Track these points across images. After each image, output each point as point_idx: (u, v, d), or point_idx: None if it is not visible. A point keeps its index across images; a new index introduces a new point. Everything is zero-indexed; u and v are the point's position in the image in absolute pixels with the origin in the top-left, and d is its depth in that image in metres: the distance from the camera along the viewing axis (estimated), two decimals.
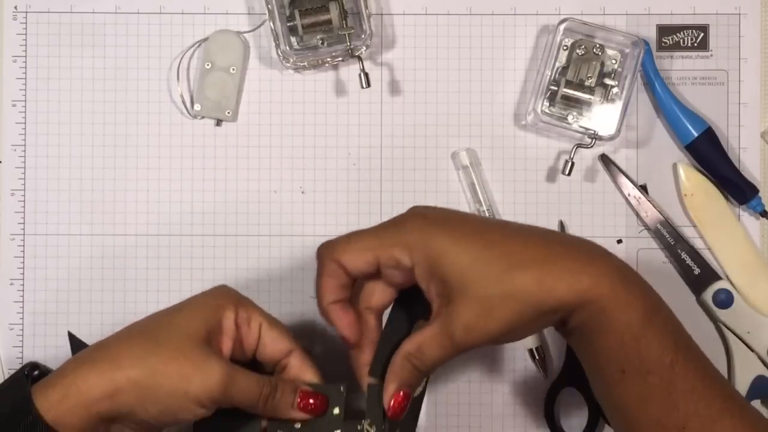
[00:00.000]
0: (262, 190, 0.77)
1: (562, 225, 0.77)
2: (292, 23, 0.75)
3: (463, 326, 0.56)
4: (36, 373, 0.70)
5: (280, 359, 0.63)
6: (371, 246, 0.59)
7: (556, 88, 0.75)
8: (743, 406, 0.58)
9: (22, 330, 0.76)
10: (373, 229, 0.60)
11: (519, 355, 0.77)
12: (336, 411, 0.61)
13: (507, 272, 0.55)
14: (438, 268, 0.57)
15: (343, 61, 0.76)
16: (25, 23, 0.78)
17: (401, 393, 0.59)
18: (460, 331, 0.56)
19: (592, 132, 0.74)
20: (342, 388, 0.62)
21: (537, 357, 0.76)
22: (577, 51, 0.75)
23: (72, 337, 0.76)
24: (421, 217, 0.59)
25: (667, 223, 0.76)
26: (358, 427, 0.61)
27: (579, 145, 0.75)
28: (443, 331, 0.57)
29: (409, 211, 0.61)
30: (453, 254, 0.56)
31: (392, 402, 0.59)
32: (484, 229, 0.58)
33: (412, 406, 0.61)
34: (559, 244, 0.58)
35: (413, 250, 0.57)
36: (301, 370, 0.63)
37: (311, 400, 0.61)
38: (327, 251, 0.60)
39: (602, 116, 0.75)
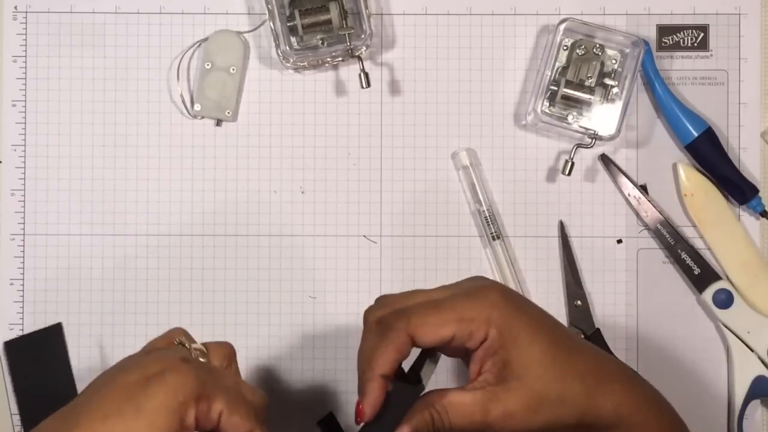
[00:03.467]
0: (262, 190, 0.77)
1: (562, 225, 0.77)
2: (292, 23, 0.75)
3: (504, 410, 0.56)
4: None
5: None
6: (450, 320, 0.56)
7: (556, 88, 0.75)
8: None
9: (22, 330, 0.76)
10: (449, 300, 0.57)
11: None
12: None
13: (566, 377, 0.56)
14: (507, 349, 0.56)
15: (343, 61, 0.76)
16: (25, 23, 0.78)
17: None
18: (499, 413, 0.56)
19: (592, 132, 0.74)
20: None
21: None
22: (577, 51, 0.75)
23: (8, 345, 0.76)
24: (501, 293, 0.58)
25: (667, 223, 0.76)
26: None
27: (579, 145, 0.75)
28: (481, 405, 0.56)
29: (482, 281, 0.59)
30: (527, 342, 0.56)
31: None
32: (554, 326, 0.58)
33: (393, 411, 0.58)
34: (608, 363, 0.59)
35: (492, 326, 0.56)
36: None
37: None
38: (399, 321, 0.56)
39: (602, 116, 0.75)
